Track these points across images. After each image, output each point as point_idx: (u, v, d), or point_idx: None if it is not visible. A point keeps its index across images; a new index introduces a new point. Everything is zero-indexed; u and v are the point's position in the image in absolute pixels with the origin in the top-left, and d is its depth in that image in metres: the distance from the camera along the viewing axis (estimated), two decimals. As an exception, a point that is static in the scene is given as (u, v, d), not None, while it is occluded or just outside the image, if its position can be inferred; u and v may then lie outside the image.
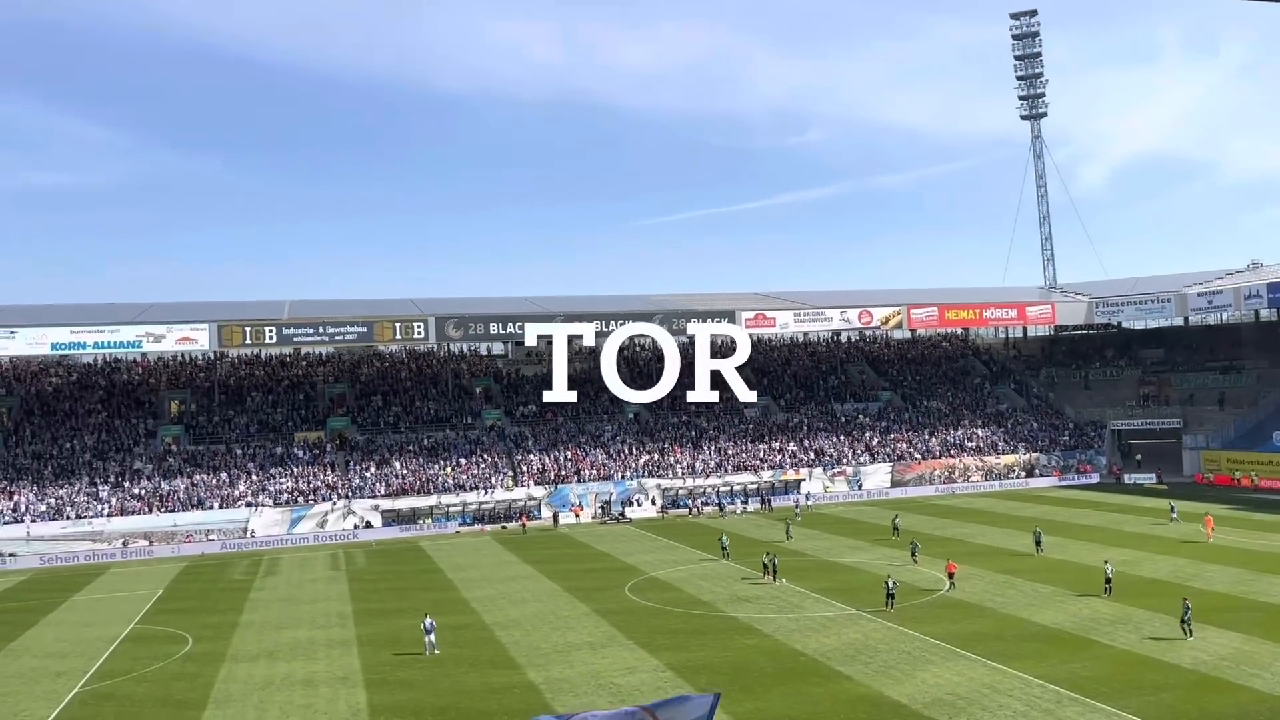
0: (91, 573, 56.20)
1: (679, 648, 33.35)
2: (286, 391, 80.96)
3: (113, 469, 67.94)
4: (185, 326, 67.10)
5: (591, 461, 74.68)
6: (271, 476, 68.96)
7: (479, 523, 68.41)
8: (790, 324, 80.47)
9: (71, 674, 33.51)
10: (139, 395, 77.73)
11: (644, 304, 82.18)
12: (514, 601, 42.61)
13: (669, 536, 60.27)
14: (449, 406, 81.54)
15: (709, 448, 78.04)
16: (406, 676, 31.34)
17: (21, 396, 75.20)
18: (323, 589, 48.02)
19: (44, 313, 71.76)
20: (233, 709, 28.70)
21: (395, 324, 71.15)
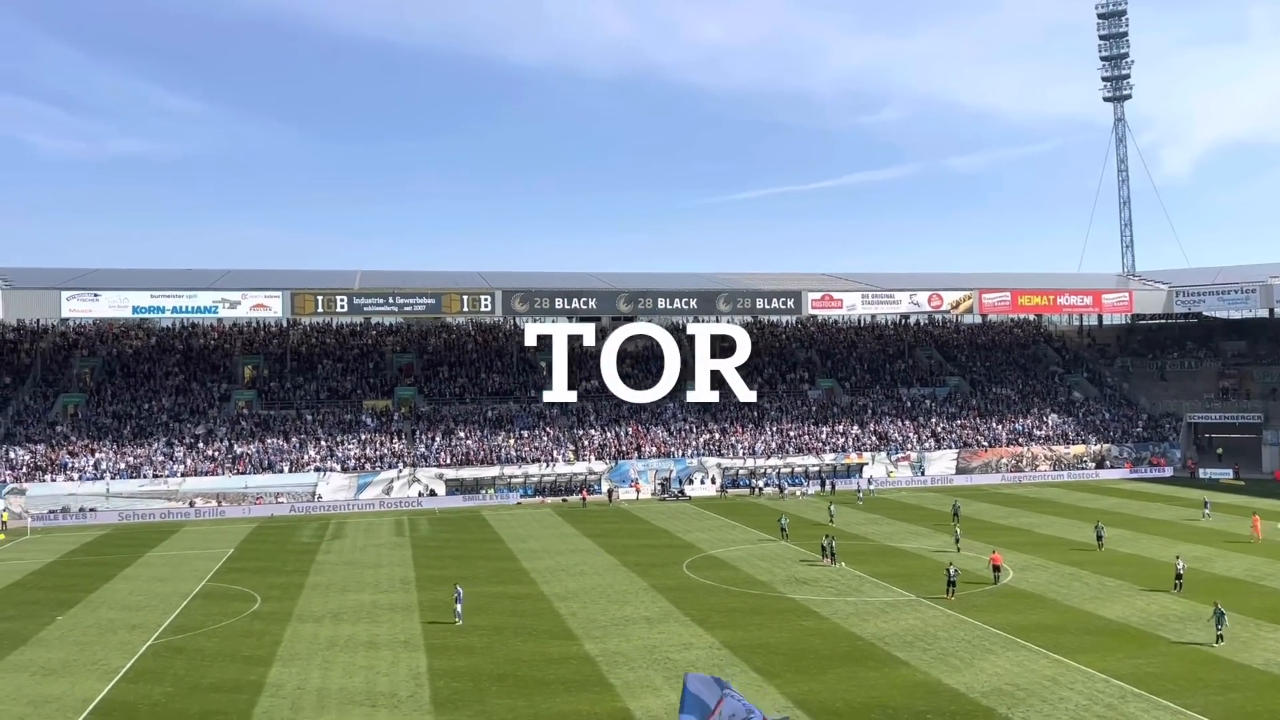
0: (166, 530, 58.12)
1: (735, 626, 33.39)
2: (356, 360, 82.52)
3: (188, 430, 70.04)
4: (260, 293, 68.64)
5: (652, 438, 74.90)
6: (340, 442, 70.47)
7: (540, 495, 69.17)
8: (858, 306, 79.51)
9: (146, 627, 34.75)
10: (214, 359, 79.90)
11: (708, 283, 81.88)
12: (573, 574, 43.03)
13: (728, 515, 60.26)
14: (513, 379, 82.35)
15: (770, 429, 77.70)
16: (466, 643, 31.88)
17: (104, 358, 77.81)
18: (387, 554, 49.02)
19: (126, 277, 73.99)
20: (298, 667, 29.51)
21: (463, 296, 71.94)
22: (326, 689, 27.31)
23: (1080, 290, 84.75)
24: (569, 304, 74.67)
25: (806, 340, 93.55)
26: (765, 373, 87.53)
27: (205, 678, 28.58)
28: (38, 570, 46.20)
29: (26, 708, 26.15)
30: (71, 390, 73.60)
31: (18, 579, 44.07)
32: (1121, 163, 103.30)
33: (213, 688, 27.59)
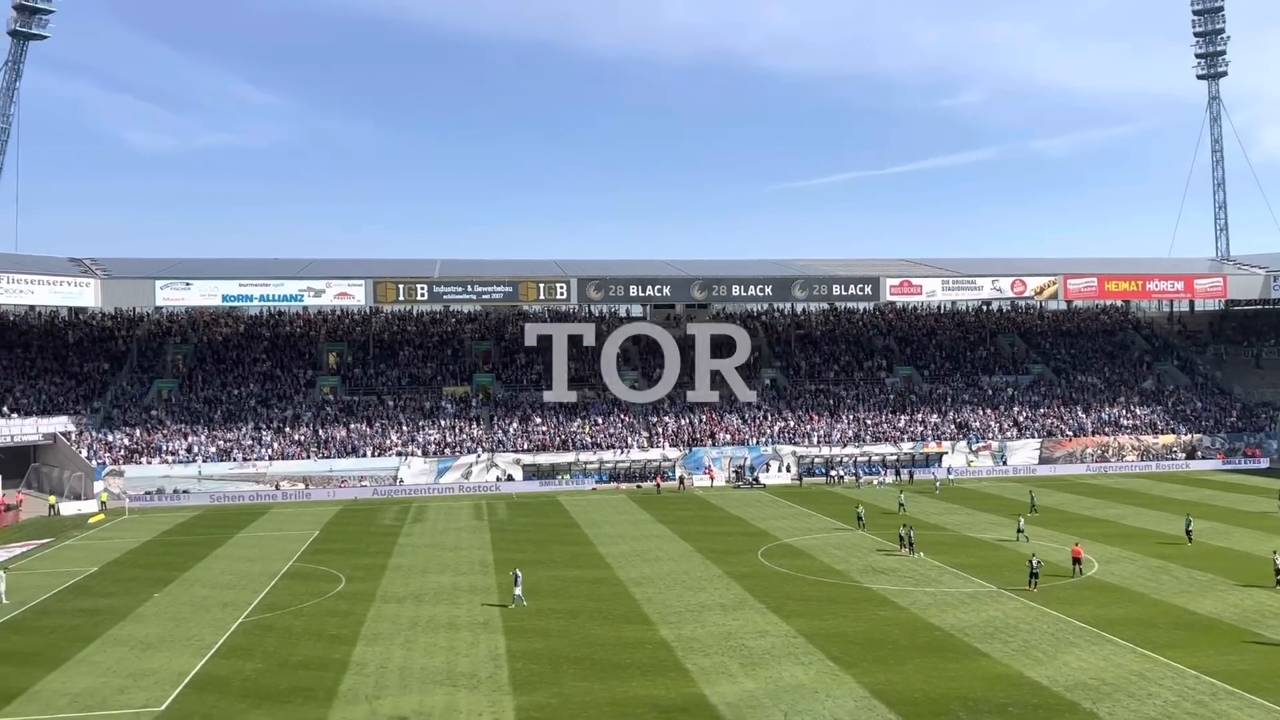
0: (255, 511, 60.03)
1: (811, 614, 33.24)
2: (436, 347, 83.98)
3: (276, 415, 72.15)
4: (343, 282, 70.28)
5: (726, 425, 74.76)
6: (420, 428, 71.88)
7: (615, 481, 69.63)
8: (938, 292, 78.12)
9: (237, 605, 35.99)
10: (300, 347, 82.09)
11: (783, 269, 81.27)
12: (647, 559, 43.28)
13: (803, 504, 59.91)
14: (588, 367, 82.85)
15: (847, 417, 76.91)
16: (544, 625, 32.34)
17: (195, 345, 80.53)
18: (466, 537, 49.92)
19: (215, 266, 76.39)
20: (381, 646, 30.28)
21: (539, 284, 72.61)
22: (408, 668, 27.98)
23: (1171, 275, 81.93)
24: (643, 291, 74.85)
25: (884, 327, 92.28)
26: (842, 360, 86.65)
27: (293, 655, 29.51)
28: (135, 549, 48.17)
29: (127, 680, 27.33)
30: (165, 376, 76.37)
31: (117, 557, 46.02)
32: (1216, 143, 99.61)
33: (300, 665, 28.48)
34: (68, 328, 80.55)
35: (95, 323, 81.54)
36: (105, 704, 25.38)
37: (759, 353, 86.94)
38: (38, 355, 75.94)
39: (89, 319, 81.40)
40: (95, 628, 32.96)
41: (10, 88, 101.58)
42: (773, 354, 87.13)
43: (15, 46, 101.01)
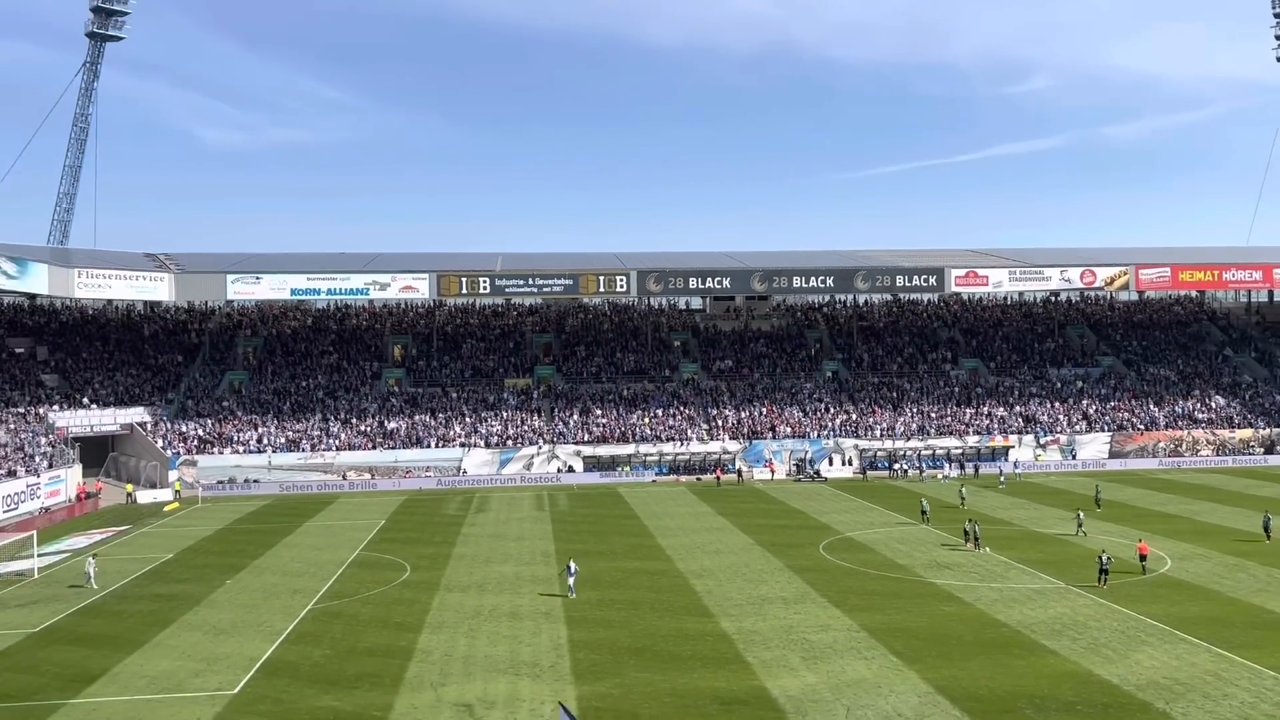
0: (323, 501, 61.28)
1: (874, 609, 32.94)
2: (498, 340, 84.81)
3: (342, 407, 73.53)
4: (408, 276, 71.32)
5: (787, 418, 74.33)
6: (483, 419, 72.69)
7: (674, 473, 69.70)
8: (1004, 283, 76.65)
9: (306, 592, 36.80)
10: (366, 339, 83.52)
11: (845, 260, 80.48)
12: (708, 552, 43.26)
13: (865, 497, 59.34)
14: (648, 359, 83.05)
15: (910, 409, 75.96)
16: (605, 616, 32.53)
17: (265, 337, 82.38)
18: (528, 528, 50.39)
19: (284, 261, 78.02)
20: (445, 634, 30.73)
21: (599, 277, 72.86)
22: (472, 656, 28.36)
23: (1248, 265, 79.32)
24: (702, 283, 74.67)
25: (949, 319, 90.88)
26: (905, 352, 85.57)
27: (360, 642, 30.10)
28: (208, 537, 49.50)
29: (200, 664, 28.13)
30: (236, 368, 78.28)
31: (191, 544, 47.35)
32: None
33: (367, 652, 29.03)
34: (143, 321, 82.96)
35: (169, 316, 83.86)
36: (181, 686, 26.15)
37: (820, 345, 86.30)
38: (115, 348, 78.34)
39: (164, 312, 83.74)
40: (171, 612, 33.97)
41: (88, 88, 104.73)
42: (834, 346, 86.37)
43: (93, 48, 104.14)
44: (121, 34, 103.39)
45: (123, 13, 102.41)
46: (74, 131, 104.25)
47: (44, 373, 72.08)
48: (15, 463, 56.80)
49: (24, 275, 60.21)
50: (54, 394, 69.59)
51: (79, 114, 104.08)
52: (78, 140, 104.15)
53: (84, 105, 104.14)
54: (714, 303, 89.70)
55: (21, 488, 55.41)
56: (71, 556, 44.52)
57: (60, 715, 24.17)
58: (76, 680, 26.73)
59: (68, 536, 49.47)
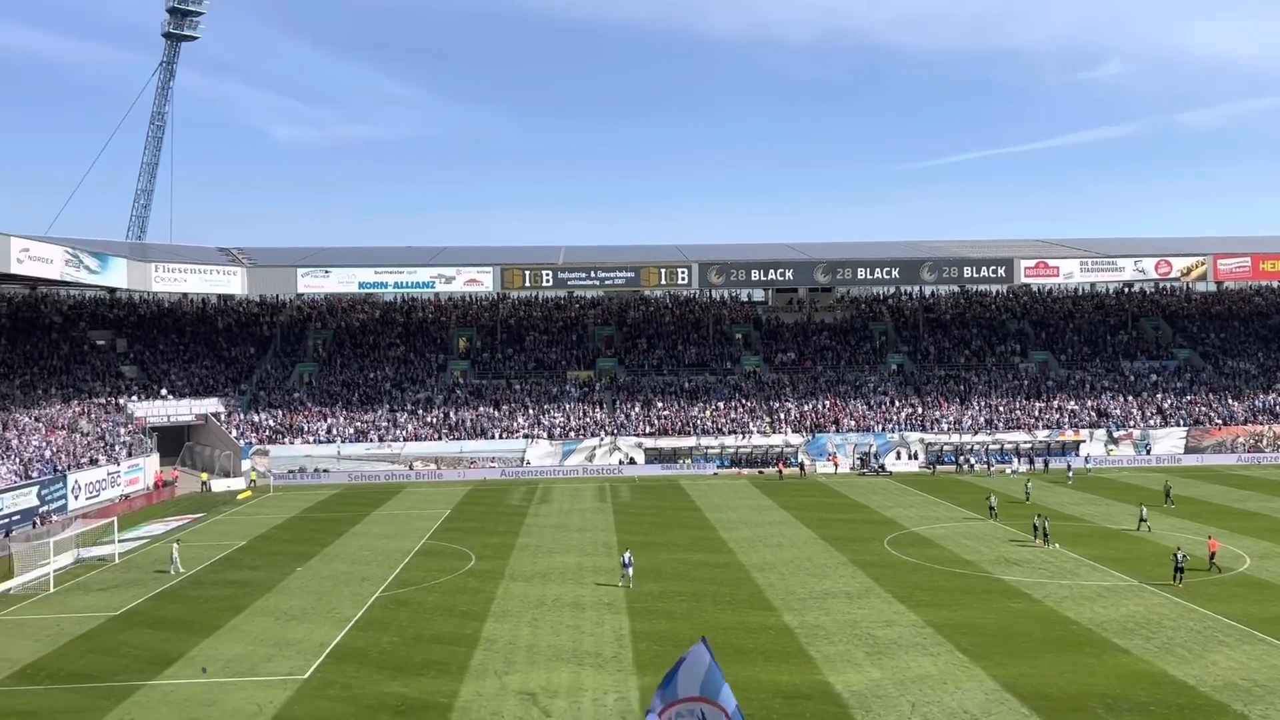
0: (390, 490, 62.34)
1: (940, 605, 32.50)
2: (560, 332, 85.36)
3: (409, 398, 74.70)
4: (473, 269, 72.13)
5: (851, 411, 73.61)
6: (546, 411, 73.26)
7: (736, 466, 69.50)
8: (1075, 274, 74.87)
9: (373, 580, 37.51)
10: (431, 332, 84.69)
11: (911, 251, 79.34)
12: (770, 545, 43.08)
13: (931, 492, 58.55)
14: (709, 351, 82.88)
15: (978, 403, 74.69)
16: (667, 608, 32.59)
17: (334, 330, 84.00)
18: (590, 519, 50.68)
19: (352, 255, 79.44)
20: (509, 623, 31.08)
21: (661, 269, 72.86)
22: (536, 645, 28.64)
23: (1336, 254, 76.36)
24: (764, 275, 74.25)
25: (1018, 310, 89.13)
26: (973, 344, 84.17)
27: (426, 629, 30.59)
28: (279, 525, 50.69)
29: (273, 649, 28.85)
30: (306, 360, 79.96)
31: (263, 532, 48.54)
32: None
33: (433, 639, 29.49)
34: (217, 314, 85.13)
35: (242, 309, 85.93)
36: (254, 671, 26.85)
37: (885, 337, 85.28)
38: (190, 340, 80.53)
39: (236, 306, 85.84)
40: (244, 598, 34.89)
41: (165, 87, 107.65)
42: (899, 338, 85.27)
43: (169, 48, 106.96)
44: (196, 34, 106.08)
45: (197, 13, 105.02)
46: (151, 130, 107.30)
47: (123, 364, 74.42)
48: (97, 451, 58.76)
49: (105, 270, 62.20)
50: (133, 385, 71.82)
51: (156, 112, 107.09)
52: (155, 138, 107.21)
53: (160, 104, 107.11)
54: (776, 295, 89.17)
55: (103, 475, 57.31)
56: (150, 542, 45.98)
57: (140, 695, 24.98)
58: (155, 663, 27.60)
59: (146, 523, 51.09)
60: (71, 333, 75.93)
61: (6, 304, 75.82)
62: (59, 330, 75.64)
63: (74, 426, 60.73)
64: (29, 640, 30.07)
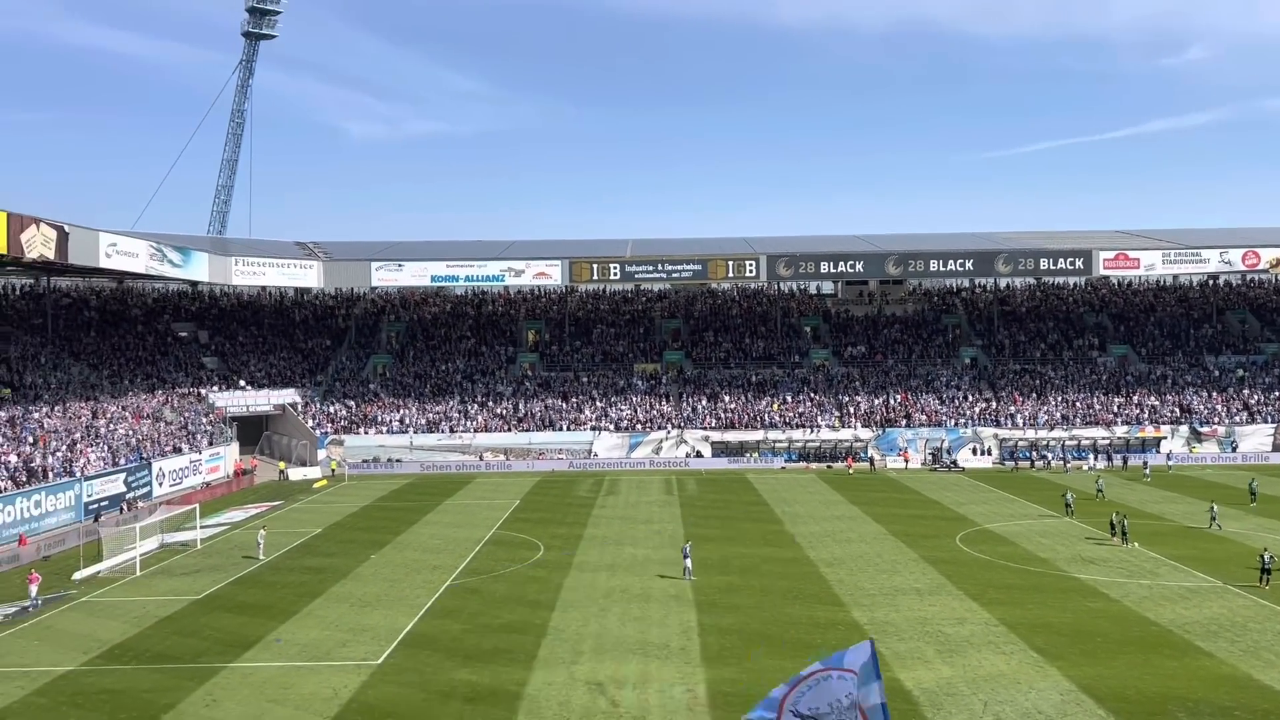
0: (461, 481, 63.25)
1: (1013, 603, 31.90)
2: (627, 325, 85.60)
3: (479, 390, 75.66)
4: (542, 262, 72.72)
5: (923, 406, 72.52)
6: (613, 403, 73.57)
7: (804, 460, 68.97)
8: (1157, 265, 72.64)
9: (444, 568, 38.12)
10: (501, 324, 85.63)
11: (985, 242, 77.84)
12: (839, 540, 42.71)
13: (1005, 489, 57.45)
14: (777, 344, 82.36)
15: (1054, 398, 72.99)
16: (734, 601, 32.54)
17: (407, 322, 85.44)
18: (657, 511, 50.80)
19: (425, 249, 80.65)
20: (577, 613, 31.34)
21: (728, 262, 72.56)
22: (603, 636, 28.83)
23: None
24: (834, 268, 73.44)
25: (1097, 303, 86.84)
26: (1049, 338, 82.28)
27: (496, 618, 31.00)
28: (354, 513, 51.79)
29: (348, 634, 29.52)
30: (380, 352, 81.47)
31: (338, 520, 49.65)
32: None
33: (503, 628, 29.88)
34: (294, 307, 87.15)
35: (318, 302, 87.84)
36: (329, 655, 27.51)
37: (958, 330, 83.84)
38: (268, 332, 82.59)
39: (313, 299, 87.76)
40: (320, 584, 35.73)
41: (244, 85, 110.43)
42: (973, 331, 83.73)
43: (248, 46, 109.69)
44: (274, 32, 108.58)
45: (275, 12, 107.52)
46: (231, 127, 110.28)
47: (205, 356, 76.66)
48: (180, 440, 60.65)
49: (187, 264, 64.11)
50: (213, 376, 73.95)
51: (235, 110, 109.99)
52: (234, 135, 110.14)
53: (240, 102, 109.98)
54: (846, 287, 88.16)
55: (185, 464, 59.16)
56: (230, 529, 47.35)
57: (220, 677, 25.77)
58: (235, 645, 28.45)
59: (226, 510, 52.62)
60: (156, 325, 78.42)
61: (96, 297, 78.60)
62: (144, 323, 78.18)
63: (158, 416, 62.77)
64: (117, 621, 31.23)
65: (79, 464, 50.33)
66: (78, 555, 39.65)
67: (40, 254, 48.53)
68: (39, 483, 46.65)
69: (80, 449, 52.00)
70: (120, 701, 24.07)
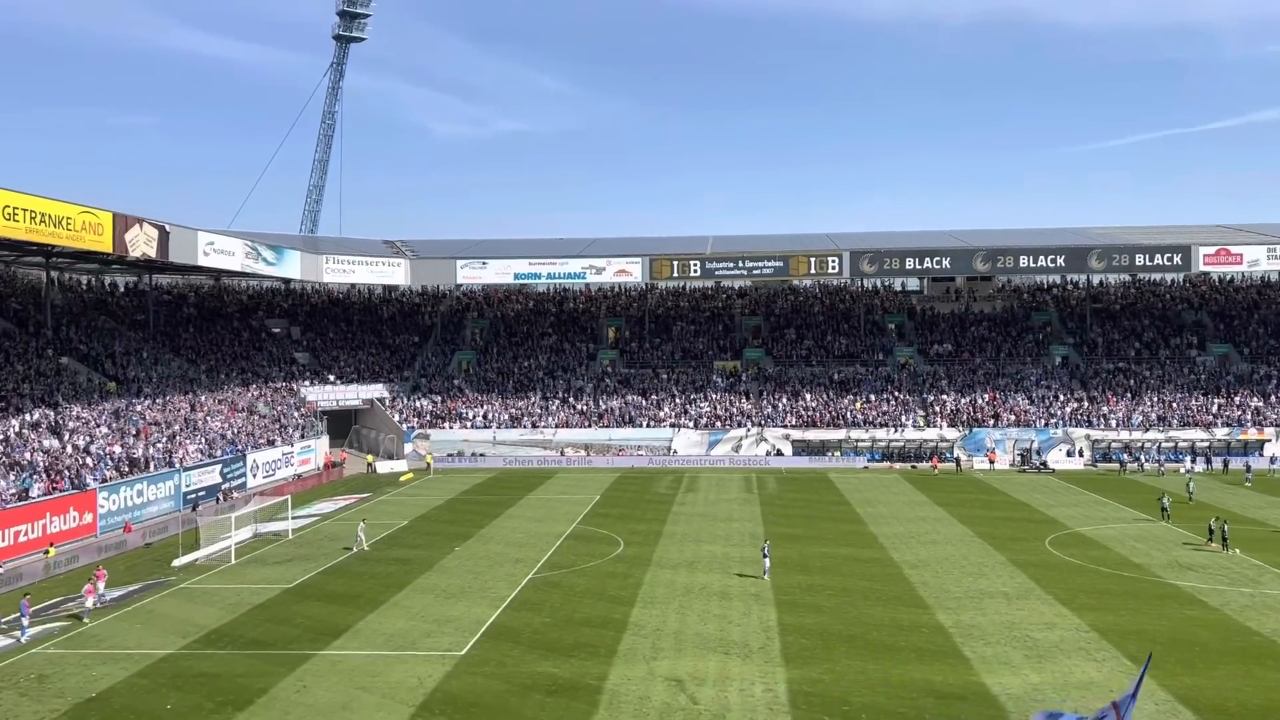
0: (542, 475, 63.92)
1: (1105, 609, 30.95)
2: (707, 322, 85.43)
3: (560, 386, 76.36)
4: (622, 260, 73.06)
5: (1011, 406, 70.78)
6: (692, 401, 73.50)
7: (887, 460, 67.94)
8: (1261, 261, 69.63)
9: (526, 562, 38.58)
10: (582, 321, 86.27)
11: (1078, 238, 75.62)
12: (923, 542, 41.99)
13: (1097, 491, 55.77)
14: (860, 342, 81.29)
15: (1150, 398, 70.55)
16: (815, 601, 32.24)
17: (491, 320, 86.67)
18: (737, 509, 50.61)
19: (508, 246, 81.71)
20: (657, 609, 31.41)
21: (810, 259, 71.86)
22: (683, 633, 28.84)
23: None
24: (920, 264, 72.19)
25: (1196, 301, 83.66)
26: (1145, 336, 79.57)
27: (577, 612, 31.25)
28: (439, 505, 52.76)
29: (433, 625, 30.09)
30: (464, 348, 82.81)
31: (424, 512, 50.63)
32: None
33: (583, 622, 30.12)
34: (382, 304, 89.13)
35: (405, 299, 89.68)
36: (414, 645, 28.08)
37: (1049, 328, 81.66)
38: (358, 329, 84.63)
39: (400, 296, 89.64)
40: (406, 575, 36.49)
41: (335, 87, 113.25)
42: (1064, 329, 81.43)
43: (339, 50, 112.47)
44: (363, 35, 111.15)
45: (365, 15, 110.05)
46: (322, 129, 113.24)
47: (297, 351, 78.89)
48: (273, 433, 62.54)
49: (280, 262, 66.04)
50: (305, 371, 76.07)
51: (326, 112, 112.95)
52: (325, 137, 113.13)
53: (330, 103, 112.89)
54: (932, 284, 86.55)
55: (278, 456, 60.98)
56: (319, 520, 48.66)
57: (311, 664, 26.51)
58: (324, 634, 29.23)
59: (316, 502, 54.09)
60: (250, 321, 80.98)
61: (194, 294, 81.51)
62: (239, 319, 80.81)
63: (252, 409, 64.83)
64: (213, 608, 32.37)
65: (178, 455, 52.29)
66: (177, 543, 41.19)
67: (143, 252, 50.52)
68: (141, 473, 48.60)
69: (179, 440, 54.02)
70: (216, 685, 24.95)
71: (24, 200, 41.46)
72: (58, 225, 43.70)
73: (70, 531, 42.38)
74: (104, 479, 45.89)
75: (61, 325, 62.15)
